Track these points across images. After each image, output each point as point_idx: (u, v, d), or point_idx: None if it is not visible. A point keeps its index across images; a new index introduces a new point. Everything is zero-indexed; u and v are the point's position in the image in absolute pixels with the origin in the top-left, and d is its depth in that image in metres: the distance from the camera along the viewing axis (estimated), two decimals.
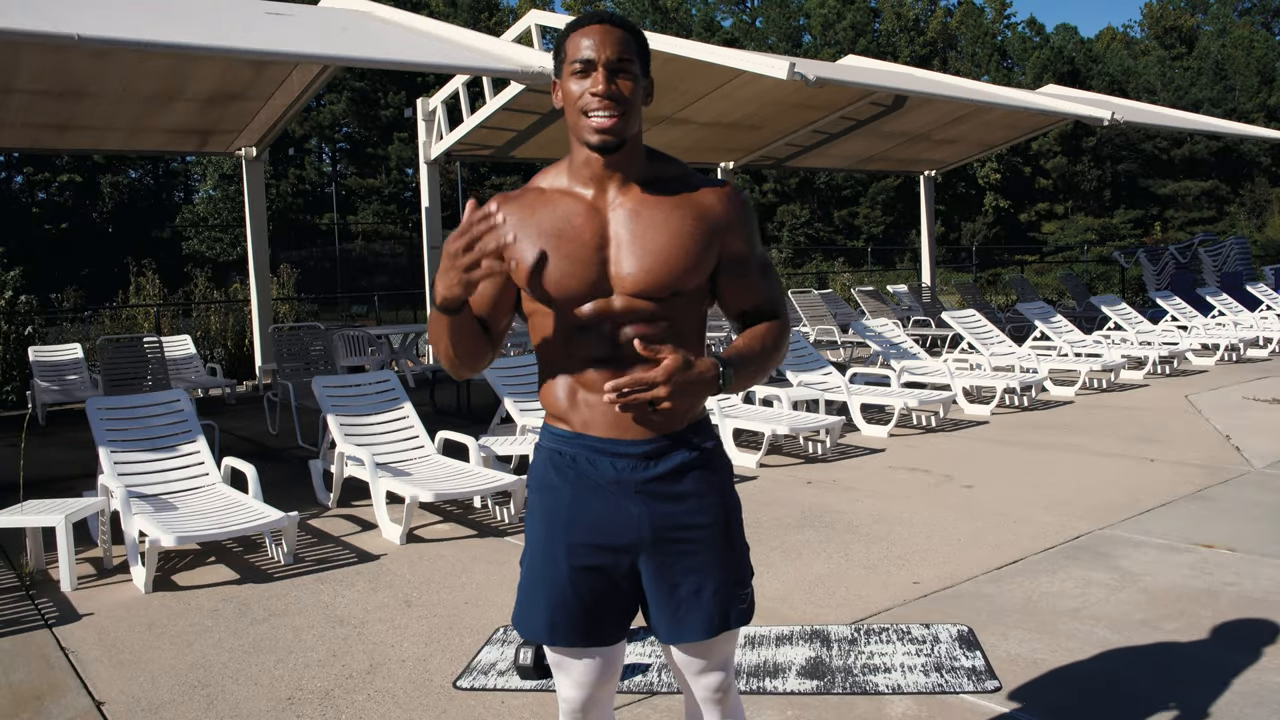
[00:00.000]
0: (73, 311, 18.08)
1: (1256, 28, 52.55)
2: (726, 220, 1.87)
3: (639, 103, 1.80)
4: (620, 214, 1.82)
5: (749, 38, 48.98)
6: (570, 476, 1.87)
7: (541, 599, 1.90)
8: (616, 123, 1.76)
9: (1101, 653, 3.48)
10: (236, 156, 12.29)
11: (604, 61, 1.76)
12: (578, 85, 1.78)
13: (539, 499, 1.92)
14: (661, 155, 1.91)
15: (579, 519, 1.86)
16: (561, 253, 1.80)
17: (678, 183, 1.87)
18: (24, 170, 37.01)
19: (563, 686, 1.97)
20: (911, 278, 23.04)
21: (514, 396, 6.76)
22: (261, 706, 3.28)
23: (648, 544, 1.86)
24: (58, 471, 7.18)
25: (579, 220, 1.82)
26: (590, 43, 1.77)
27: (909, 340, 10.31)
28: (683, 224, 1.82)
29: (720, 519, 1.89)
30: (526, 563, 1.96)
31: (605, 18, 1.81)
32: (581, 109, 1.77)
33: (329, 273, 31.99)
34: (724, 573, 1.89)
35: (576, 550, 1.86)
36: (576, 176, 1.85)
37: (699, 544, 1.87)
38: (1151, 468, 6.34)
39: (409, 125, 35.16)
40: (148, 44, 6.17)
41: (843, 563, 4.60)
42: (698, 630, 1.88)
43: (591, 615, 1.88)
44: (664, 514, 1.85)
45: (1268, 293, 14.87)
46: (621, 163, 1.82)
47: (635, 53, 1.80)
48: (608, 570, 1.87)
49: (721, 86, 11.36)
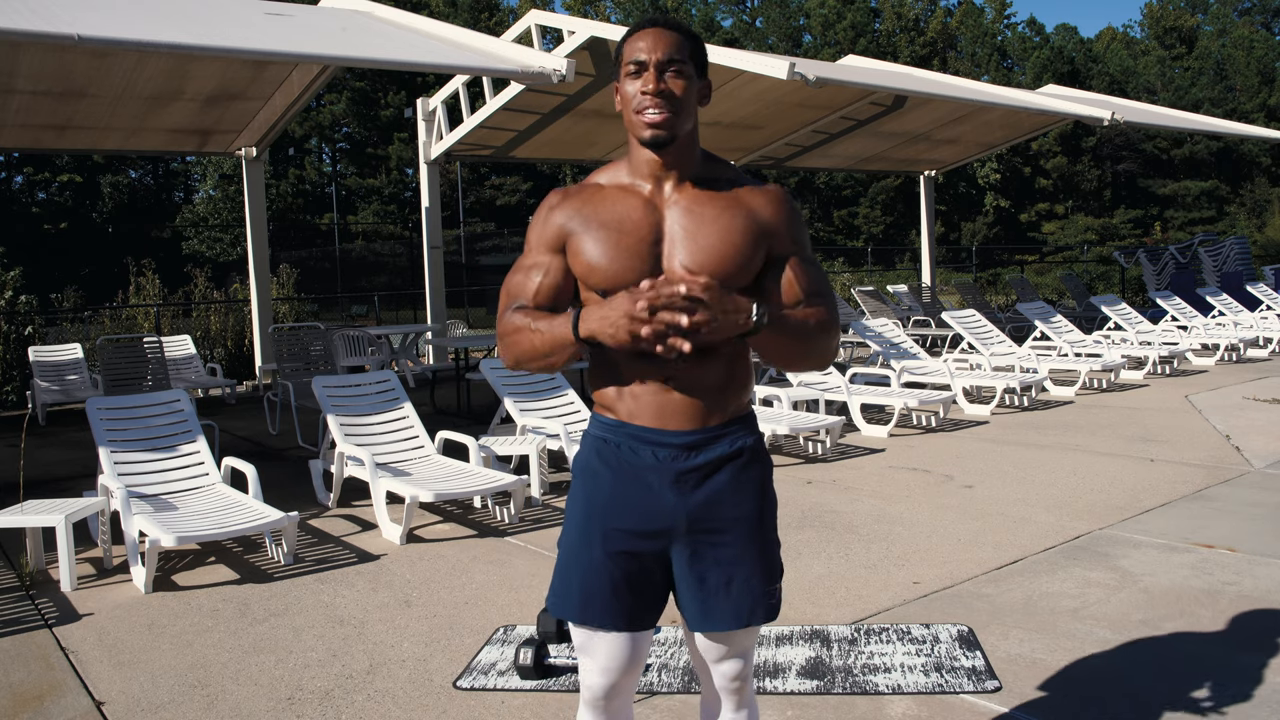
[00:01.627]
0: (73, 311, 18.06)
1: (1256, 28, 52.56)
2: (776, 222, 1.93)
3: (692, 102, 1.88)
4: (675, 210, 1.89)
5: (749, 38, 48.98)
6: (613, 464, 1.93)
7: (575, 580, 1.94)
8: (666, 118, 1.84)
9: (1101, 653, 3.48)
10: (236, 156, 12.29)
11: (655, 62, 1.85)
12: (632, 85, 1.87)
13: (581, 483, 1.98)
14: (716, 158, 1.99)
15: (617, 505, 1.92)
16: (618, 245, 1.87)
17: (730, 184, 1.94)
18: (24, 170, 37.02)
19: (587, 673, 1.99)
20: (911, 278, 23.04)
21: (514, 397, 6.76)
22: (261, 706, 3.28)
23: (682, 533, 1.91)
24: (58, 471, 7.18)
25: (636, 215, 1.89)
26: (644, 45, 1.86)
27: (909, 340, 10.31)
28: (734, 222, 1.89)
29: (755, 514, 1.94)
30: (564, 544, 1.99)
31: (660, 21, 1.89)
32: (635, 107, 1.86)
33: (329, 273, 31.98)
34: (755, 567, 1.93)
35: (612, 535, 1.91)
36: (635, 173, 1.93)
37: (732, 536, 1.92)
38: (1151, 468, 6.34)
39: (409, 125, 35.17)
40: (148, 44, 6.17)
41: (843, 563, 4.60)
42: (724, 621, 1.93)
43: (623, 599, 1.91)
44: (700, 505, 1.90)
45: (1268, 293, 14.87)
46: (677, 161, 1.90)
47: (689, 54, 1.88)
48: (641, 556, 1.92)
49: (721, 86, 11.35)
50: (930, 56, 46.83)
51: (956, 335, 11.81)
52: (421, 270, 12.99)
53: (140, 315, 14.25)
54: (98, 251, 33.46)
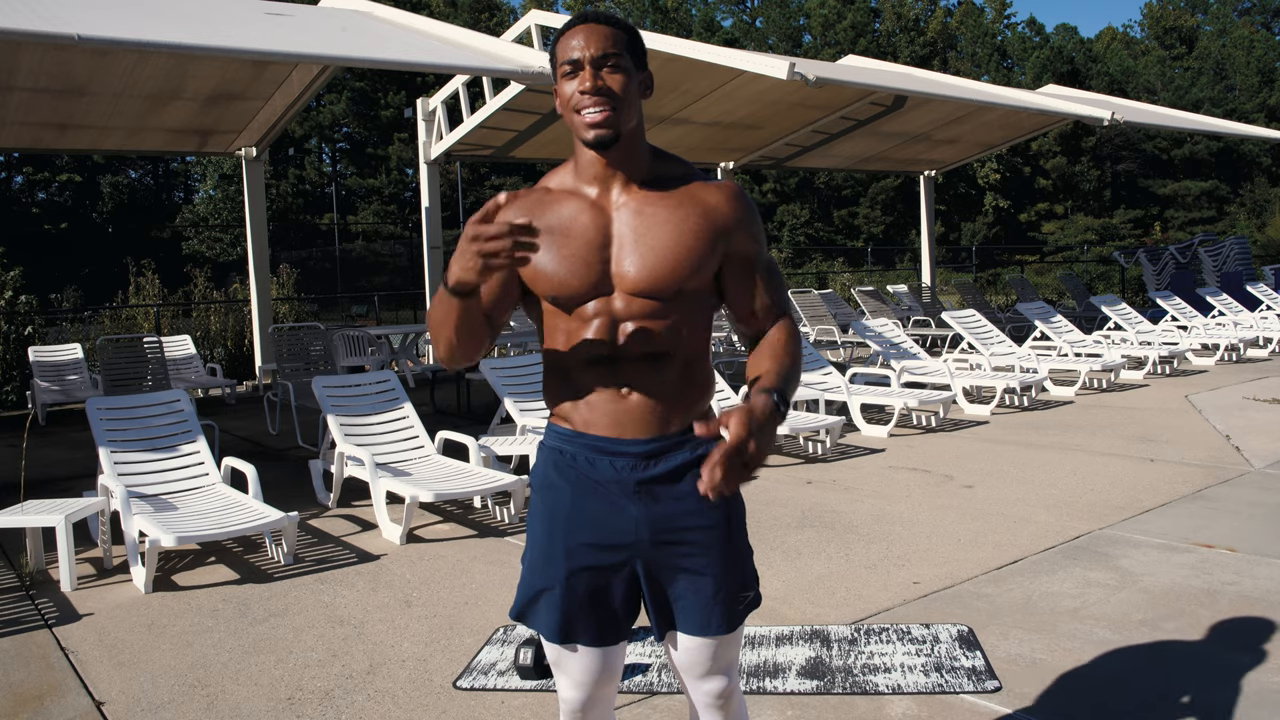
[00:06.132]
0: (73, 311, 18.07)
1: (1256, 28, 52.55)
2: (732, 220, 1.86)
3: (633, 97, 1.80)
4: (624, 213, 1.83)
5: (749, 38, 48.98)
6: (570, 476, 1.87)
7: (541, 598, 1.90)
8: (608, 116, 1.76)
9: (1101, 653, 3.48)
10: (236, 156, 12.29)
11: (590, 59, 1.77)
12: (569, 86, 1.79)
13: (540, 498, 1.92)
14: (666, 155, 1.91)
15: (578, 519, 1.86)
16: (565, 251, 1.80)
17: (681, 182, 1.86)
18: (24, 170, 37.03)
19: (562, 686, 1.96)
20: (911, 278, 23.04)
21: (514, 396, 6.76)
22: (261, 706, 3.28)
23: (646, 544, 1.85)
24: (58, 471, 7.18)
25: (583, 219, 1.82)
26: (577, 42, 1.78)
27: (909, 340, 10.31)
28: (685, 222, 1.82)
29: (721, 521, 1.87)
30: (527, 561, 1.95)
31: (591, 17, 1.82)
32: (574, 107, 1.78)
33: (329, 273, 31.99)
34: (724, 575, 1.87)
35: (576, 551, 1.86)
36: (581, 176, 1.85)
37: (698, 545, 1.86)
38: (1151, 468, 6.34)
39: (409, 125, 35.16)
40: (148, 44, 6.17)
41: (843, 563, 4.60)
42: (692, 627, 1.87)
43: (590, 615, 1.87)
44: (663, 515, 1.84)
45: (1268, 293, 14.87)
46: (624, 161, 1.83)
47: (625, 47, 1.79)
48: (607, 570, 1.86)
49: (721, 86, 11.36)
50: (930, 56, 46.82)
51: (956, 335, 11.81)
52: (421, 270, 12.98)
53: (140, 315, 14.25)
54: (98, 251, 33.48)
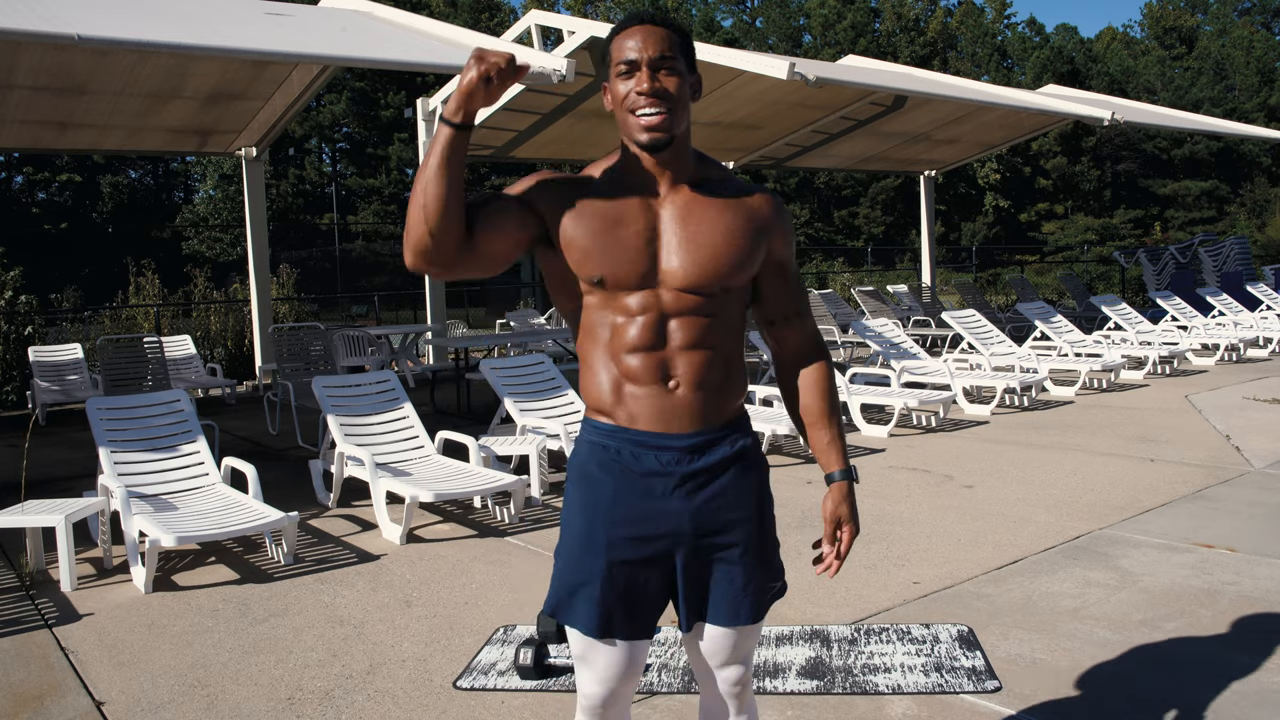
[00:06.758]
0: (73, 311, 18.06)
1: (1256, 28, 52.54)
2: (773, 222, 1.93)
3: (685, 99, 1.84)
4: (671, 210, 1.86)
5: (749, 38, 48.97)
6: (614, 470, 1.89)
7: (579, 592, 1.91)
8: (664, 119, 1.79)
9: (1101, 653, 3.48)
10: (236, 156, 12.29)
11: (647, 60, 1.79)
12: (624, 85, 1.82)
13: (579, 491, 1.93)
14: (706, 157, 1.95)
15: (620, 511, 1.88)
16: (615, 236, 1.83)
17: (723, 184, 1.91)
18: (24, 170, 37.02)
19: (585, 681, 1.96)
20: (911, 278, 23.04)
21: (514, 397, 6.76)
22: (261, 706, 3.28)
23: (687, 536, 1.89)
24: (58, 471, 7.18)
25: (633, 210, 1.85)
26: (634, 43, 1.80)
27: (909, 340, 10.31)
28: (734, 222, 1.87)
29: (756, 514, 1.95)
30: (564, 554, 1.95)
31: (647, 17, 1.84)
32: (629, 108, 1.81)
33: (329, 273, 31.97)
34: (756, 566, 1.94)
35: (617, 543, 1.88)
36: (629, 172, 1.88)
37: (734, 537, 1.92)
38: (1151, 468, 6.34)
39: (409, 125, 35.17)
40: (148, 44, 6.17)
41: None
42: (724, 618, 1.93)
43: (627, 608, 1.90)
44: (705, 507, 1.89)
45: (1268, 293, 14.87)
46: (671, 161, 1.86)
47: (679, 49, 1.83)
48: (646, 563, 1.90)
49: (721, 86, 11.37)
50: (930, 56, 46.82)
51: (956, 335, 11.81)
52: None
53: (140, 315, 14.25)
54: (98, 251, 33.46)
